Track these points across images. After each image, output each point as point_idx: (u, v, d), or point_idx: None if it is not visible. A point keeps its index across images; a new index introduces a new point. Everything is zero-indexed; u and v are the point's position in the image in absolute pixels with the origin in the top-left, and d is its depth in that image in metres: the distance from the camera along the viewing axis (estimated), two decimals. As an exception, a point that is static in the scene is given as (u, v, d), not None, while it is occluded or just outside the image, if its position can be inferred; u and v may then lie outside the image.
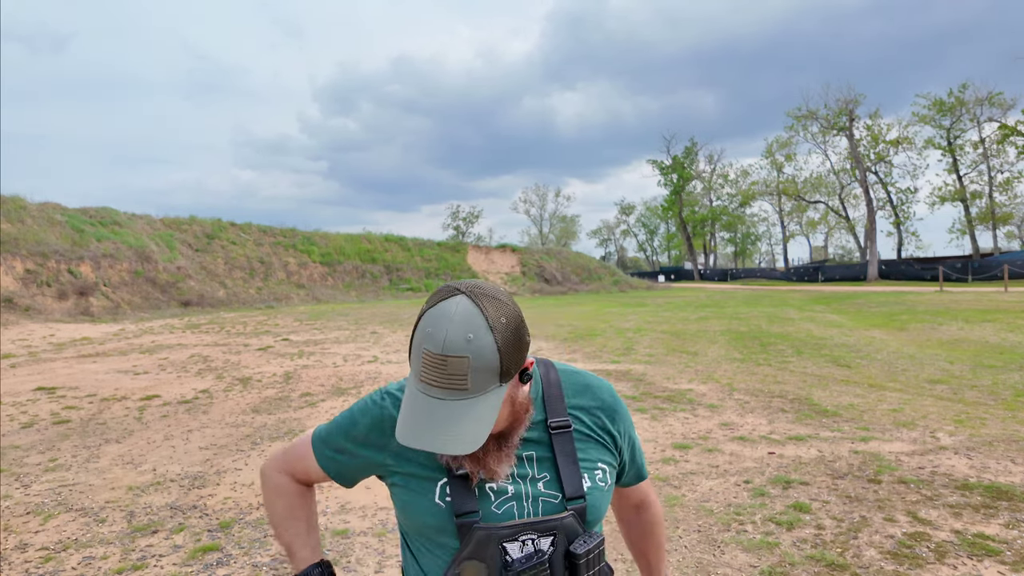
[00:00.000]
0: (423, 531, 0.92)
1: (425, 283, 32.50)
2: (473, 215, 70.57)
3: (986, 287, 29.37)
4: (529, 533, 0.87)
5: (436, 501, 0.89)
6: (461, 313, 0.77)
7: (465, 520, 0.87)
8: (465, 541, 0.87)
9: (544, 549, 0.88)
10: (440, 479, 0.90)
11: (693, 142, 62.15)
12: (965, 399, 5.92)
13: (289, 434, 5.08)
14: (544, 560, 0.86)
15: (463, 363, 0.75)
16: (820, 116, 49.87)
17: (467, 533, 0.87)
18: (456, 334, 0.75)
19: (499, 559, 0.86)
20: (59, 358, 9.56)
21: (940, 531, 2.99)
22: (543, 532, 0.88)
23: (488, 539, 0.86)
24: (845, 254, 64.67)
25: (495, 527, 0.87)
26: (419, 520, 0.91)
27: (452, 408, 0.77)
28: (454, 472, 0.88)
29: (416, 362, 0.78)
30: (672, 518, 3.26)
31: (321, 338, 12.13)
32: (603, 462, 0.97)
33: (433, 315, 0.78)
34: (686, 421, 5.33)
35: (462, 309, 0.77)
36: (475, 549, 0.86)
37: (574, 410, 0.98)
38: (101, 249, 19.92)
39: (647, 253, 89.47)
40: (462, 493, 0.88)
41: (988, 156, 44.81)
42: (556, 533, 0.88)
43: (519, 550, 0.87)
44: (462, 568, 0.87)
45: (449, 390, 0.76)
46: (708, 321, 15.30)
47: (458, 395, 0.77)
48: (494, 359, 0.77)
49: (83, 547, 3.02)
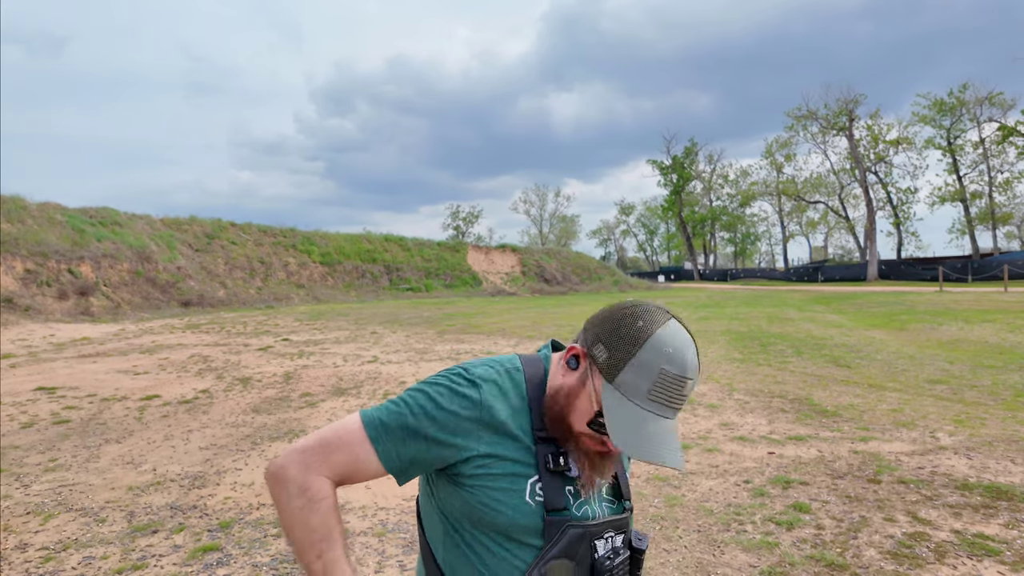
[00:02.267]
0: (508, 531, 0.86)
1: (425, 283, 32.50)
2: (473, 215, 70.53)
3: (986, 287, 29.37)
4: (610, 531, 0.91)
5: (527, 499, 0.86)
6: (690, 339, 0.83)
7: (556, 517, 0.86)
8: (555, 539, 0.85)
9: (619, 546, 0.92)
10: (532, 476, 0.88)
11: (693, 142, 62.16)
12: (965, 399, 5.92)
13: (289, 434, 5.08)
14: (627, 555, 0.92)
15: (692, 386, 0.82)
16: (820, 116, 49.91)
17: (557, 531, 0.86)
18: (693, 359, 0.81)
19: (588, 557, 0.87)
20: (59, 358, 9.56)
21: (940, 531, 2.99)
22: (618, 530, 0.93)
23: (582, 537, 0.87)
24: (845, 254, 64.65)
25: (588, 524, 0.88)
26: (508, 519, 0.86)
27: (670, 424, 0.82)
28: (548, 468, 0.87)
29: (643, 380, 0.80)
30: (672, 518, 3.26)
31: (321, 338, 12.13)
32: (629, 468, 1.06)
33: (668, 335, 0.81)
34: (686, 421, 5.33)
35: (688, 335, 0.83)
36: (567, 547, 0.86)
37: None
38: (101, 249, 19.91)
39: (647, 253, 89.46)
40: (555, 491, 0.87)
41: (988, 156, 44.82)
42: (626, 532, 0.95)
43: (603, 547, 0.90)
44: (549, 568, 0.85)
45: (673, 409, 0.82)
46: (708, 321, 15.30)
47: (675, 413, 0.83)
48: (697, 381, 0.84)
49: (83, 547, 3.02)
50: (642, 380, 0.80)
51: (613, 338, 0.83)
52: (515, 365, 0.94)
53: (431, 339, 11.87)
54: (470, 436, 0.87)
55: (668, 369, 0.79)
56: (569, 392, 0.87)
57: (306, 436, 0.90)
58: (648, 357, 0.79)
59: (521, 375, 0.93)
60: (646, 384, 0.79)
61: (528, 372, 0.94)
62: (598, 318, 0.87)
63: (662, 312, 0.84)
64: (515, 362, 0.95)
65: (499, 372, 0.92)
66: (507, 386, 0.91)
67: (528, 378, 0.93)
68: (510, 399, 0.90)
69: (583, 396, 0.85)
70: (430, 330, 13.61)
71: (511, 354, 0.98)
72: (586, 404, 0.85)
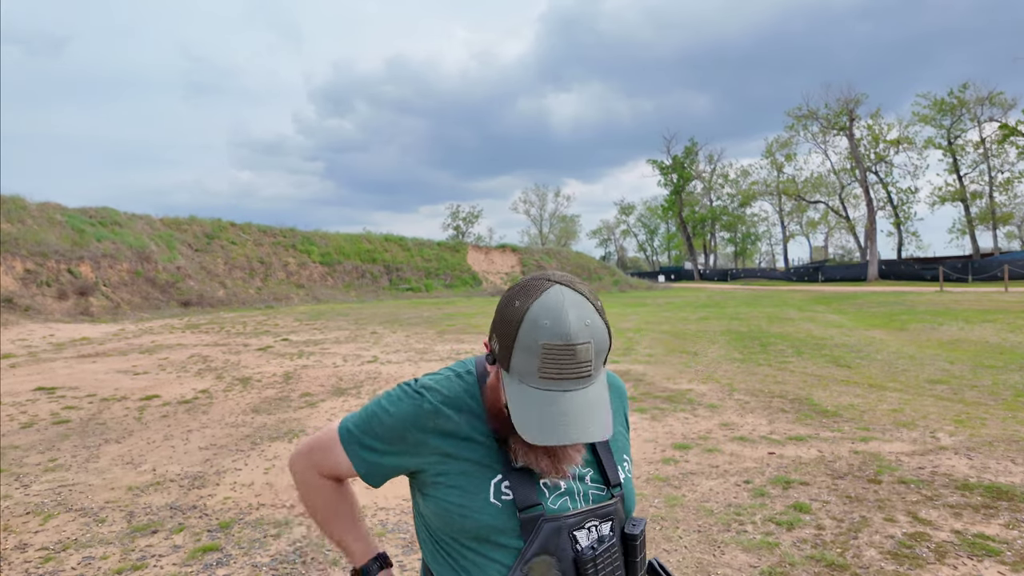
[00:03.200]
0: (479, 534, 0.86)
1: (425, 283, 32.49)
2: (473, 215, 70.50)
3: (986, 287, 29.36)
4: (592, 520, 0.88)
5: (491, 500, 0.85)
6: (570, 301, 0.76)
7: (529, 514, 0.84)
8: (532, 537, 0.84)
9: (606, 534, 0.89)
10: (493, 476, 0.86)
11: (693, 142, 62.14)
12: (965, 399, 5.91)
13: (289, 434, 5.08)
14: (615, 542, 0.88)
15: (588, 349, 0.75)
16: (820, 116, 49.88)
17: (533, 528, 0.84)
18: (576, 321, 0.74)
19: (570, 549, 0.85)
20: (59, 358, 9.56)
21: (940, 531, 2.99)
22: (602, 518, 0.89)
23: (559, 530, 0.85)
24: (845, 254, 64.61)
25: (563, 516, 0.86)
26: (475, 522, 0.85)
27: (579, 397, 0.76)
28: (513, 466, 0.86)
29: (530, 360, 0.75)
30: (672, 518, 3.26)
31: (321, 338, 12.13)
32: (626, 452, 1.01)
33: (541, 307, 0.75)
34: (686, 421, 5.32)
35: (569, 297, 0.76)
36: (544, 542, 0.84)
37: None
38: (101, 249, 19.91)
39: (647, 253, 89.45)
40: (523, 487, 0.85)
41: (988, 156, 44.80)
42: (613, 519, 0.91)
43: (586, 538, 0.87)
44: (531, 566, 0.83)
45: (575, 379, 0.76)
46: (708, 321, 15.30)
47: (583, 383, 0.76)
48: (606, 340, 0.78)
49: (83, 547, 3.02)
50: (530, 360, 0.75)
51: (499, 325, 0.80)
52: (467, 368, 0.94)
53: (431, 339, 11.87)
54: (420, 445, 0.89)
55: (549, 342, 0.74)
56: (494, 387, 0.86)
57: (307, 437, 0.96)
58: (527, 336, 0.75)
59: (473, 377, 0.92)
60: (535, 363, 0.75)
61: (481, 372, 0.93)
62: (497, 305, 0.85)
63: (541, 281, 0.79)
64: (467, 365, 0.95)
65: (447, 378, 0.93)
66: (456, 391, 0.91)
67: (480, 378, 0.92)
68: (461, 403, 0.89)
69: (500, 389, 0.83)
70: (430, 330, 13.61)
71: (469, 357, 0.98)
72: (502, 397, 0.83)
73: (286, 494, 3.73)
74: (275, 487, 3.85)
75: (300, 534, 3.15)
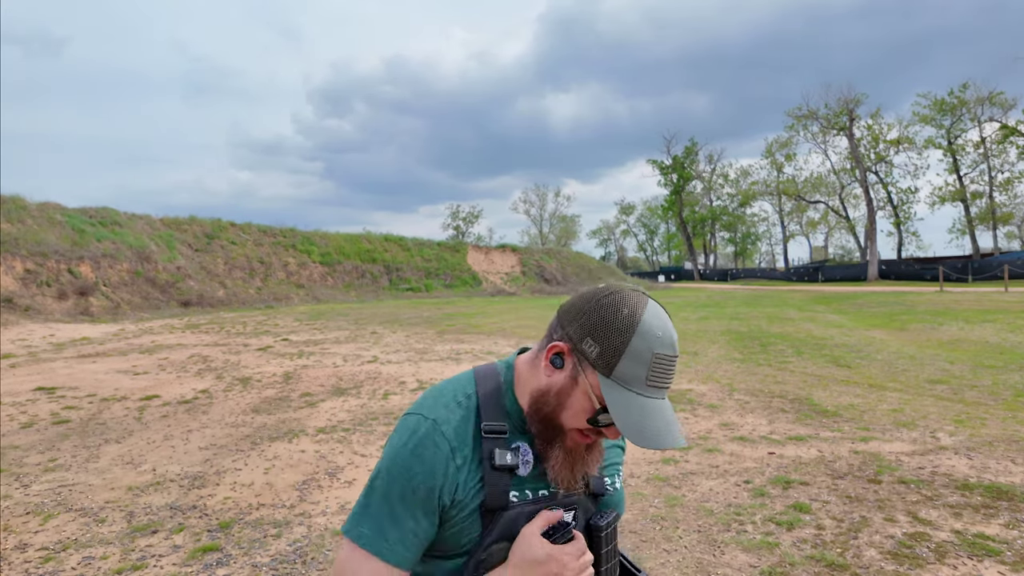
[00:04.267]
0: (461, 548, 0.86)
1: (425, 283, 32.49)
2: (473, 215, 70.49)
3: (986, 287, 29.36)
4: (553, 508, 0.87)
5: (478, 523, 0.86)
6: (667, 316, 0.83)
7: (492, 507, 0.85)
8: (491, 525, 0.83)
9: (570, 522, 0.88)
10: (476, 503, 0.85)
11: (693, 142, 62.15)
12: (965, 399, 5.91)
13: (289, 434, 5.08)
14: (571, 527, 0.86)
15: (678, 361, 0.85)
16: (820, 116, 49.88)
17: (491, 518, 0.84)
18: (675, 335, 0.82)
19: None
20: (59, 358, 9.56)
21: (940, 531, 2.99)
22: (565, 507, 0.88)
23: (516, 517, 0.84)
24: (845, 254, 64.62)
25: (522, 504, 0.85)
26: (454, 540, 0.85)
27: (668, 405, 0.83)
28: (494, 465, 0.85)
29: (639, 367, 0.78)
30: (672, 518, 3.26)
31: (321, 338, 12.13)
32: (619, 464, 1.00)
33: (654, 317, 0.80)
34: (686, 421, 5.32)
35: (665, 312, 0.83)
36: (503, 529, 0.83)
37: None
38: (101, 249, 19.91)
39: (647, 253, 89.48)
40: (499, 487, 0.85)
41: (988, 156, 44.81)
42: (576, 508, 0.90)
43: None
44: (490, 552, 0.83)
45: (668, 389, 0.82)
46: (708, 321, 15.29)
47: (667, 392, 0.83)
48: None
49: (83, 547, 3.02)
50: (639, 368, 0.78)
51: (601, 330, 0.80)
52: (466, 393, 0.90)
53: (431, 339, 11.86)
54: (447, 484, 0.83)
55: (661, 352, 0.78)
56: (560, 391, 0.84)
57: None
58: (641, 344, 0.78)
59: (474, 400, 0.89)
60: (643, 371, 0.78)
61: (482, 391, 0.90)
62: (577, 310, 0.84)
63: (639, 294, 0.83)
64: (466, 388, 0.91)
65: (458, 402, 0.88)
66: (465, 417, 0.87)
67: (487, 395, 0.89)
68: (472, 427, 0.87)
69: (577, 393, 0.82)
70: (430, 330, 13.61)
71: (468, 371, 0.95)
72: (582, 401, 0.82)
73: (286, 494, 3.73)
74: (275, 487, 3.85)
75: (300, 534, 3.15)
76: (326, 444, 4.79)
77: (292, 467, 4.24)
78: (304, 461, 4.36)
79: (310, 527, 3.23)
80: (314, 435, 5.04)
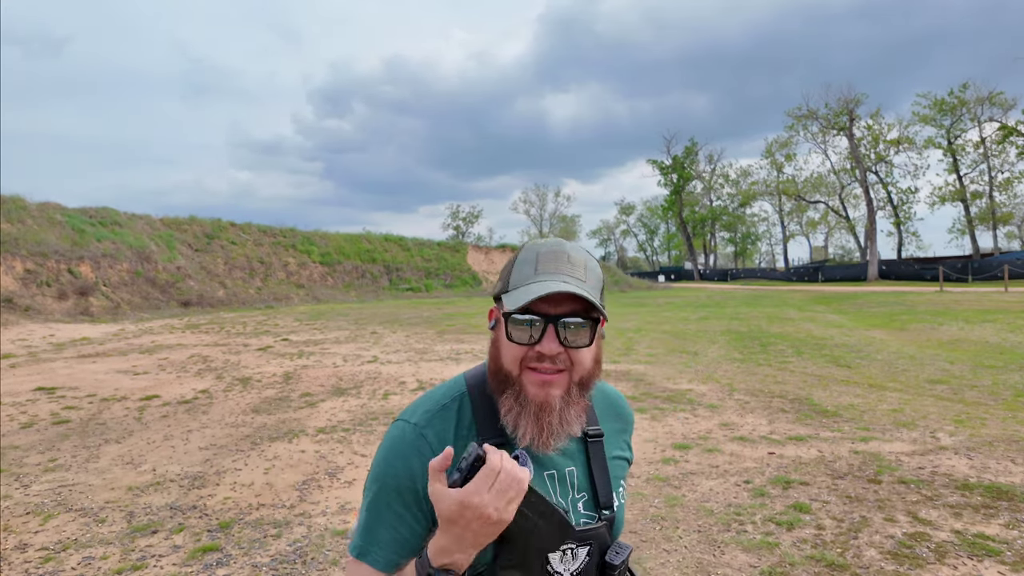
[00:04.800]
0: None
1: (425, 283, 32.49)
2: (473, 215, 70.47)
3: (986, 287, 29.36)
4: (569, 543, 0.84)
5: None
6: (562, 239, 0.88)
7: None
8: (507, 551, 0.80)
9: (583, 559, 0.86)
10: None
11: (693, 142, 62.13)
12: (965, 399, 5.91)
13: (289, 434, 5.08)
14: (586, 565, 0.85)
15: (581, 254, 0.86)
16: (820, 116, 49.87)
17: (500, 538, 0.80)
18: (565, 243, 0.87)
19: (541, 568, 0.82)
20: (59, 358, 9.56)
21: (940, 531, 2.99)
22: (581, 542, 0.86)
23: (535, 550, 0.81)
24: (845, 254, 64.61)
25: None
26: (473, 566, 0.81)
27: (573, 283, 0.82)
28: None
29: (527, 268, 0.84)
30: (672, 518, 3.26)
31: (321, 338, 12.13)
32: (623, 479, 0.98)
33: (535, 241, 0.88)
34: (686, 421, 5.32)
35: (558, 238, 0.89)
36: (519, 559, 0.80)
37: (603, 423, 0.98)
38: (101, 249, 19.91)
39: (647, 253, 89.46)
40: None
41: (988, 156, 44.80)
42: (592, 543, 0.87)
43: (559, 560, 0.84)
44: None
45: (570, 276, 0.83)
46: (708, 321, 15.29)
47: (577, 281, 0.82)
48: (600, 273, 0.88)
49: (83, 547, 3.01)
50: (527, 267, 0.84)
51: (503, 270, 0.90)
52: (459, 390, 0.91)
53: (431, 339, 11.86)
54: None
55: (544, 250, 0.85)
56: (494, 341, 0.88)
57: None
58: (526, 254, 0.86)
59: (466, 398, 0.90)
60: (531, 268, 0.84)
61: (472, 386, 0.91)
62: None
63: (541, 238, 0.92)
64: (460, 386, 0.92)
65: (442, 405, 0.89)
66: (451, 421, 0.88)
67: (472, 392, 0.90)
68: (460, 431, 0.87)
69: (499, 334, 0.86)
70: (430, 330, 13.61)
71: (458, 376, 0.96)
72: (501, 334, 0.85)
73: (286, 494, 3.73)
74: (275, 487, 3.85)
75: (300, 534, 3.15)
76: (326, 444, 4.78)
77: (292, 467, 4.24)
78: (304, 461, 4.36)
79: (310, 527, 3.23)
80: (314, 435, 5.04)
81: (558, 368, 0.82)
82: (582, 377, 0.85)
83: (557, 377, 0.83)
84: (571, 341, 0.82)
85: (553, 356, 0.81)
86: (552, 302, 0.81)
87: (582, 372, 0.85)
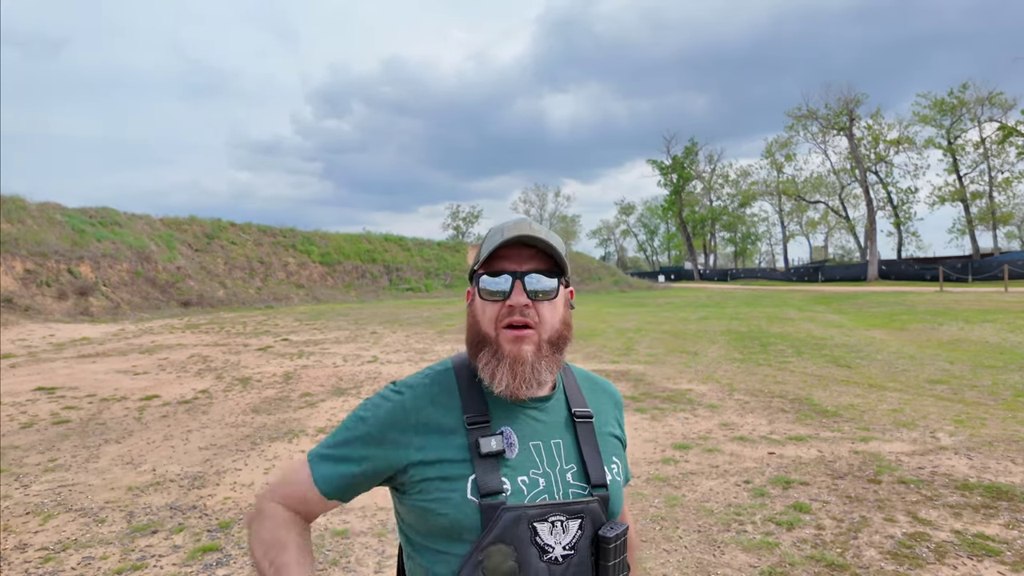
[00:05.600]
0: (449, 531, 0.85)
1: (425, 283, 32.49)
2: (473, 215, 70.45)
3: (986, 287, 29.36)
4: (558, 515, 0.85)
5: (469, 497, 0.84)
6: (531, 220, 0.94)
7: (490, 501, 0.83)
8: (490, 525, 0.82)
9: (574, 532, 0.86)
10: (470, 474, 0.85)
11: (693, 142, 62.11)
12: (965, 399, 5.91)
13: (289, 434, 5.08)
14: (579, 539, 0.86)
15: (543, 228, 0.92)
16: (820, 116, 49.86)
17: (492, 515, 0.82)
18: (535, 222, 0.93)
19: (528, 541, 0.83)
20: (59, 358, 9.56)
21: (940, 531, 2.99)
22: (571, 515, 0.86)
23: (518, 519, 0.83)
24: (845, 254, 64.59)
25: (524, 506, 0.84)
26: (447, 519, 0.84)
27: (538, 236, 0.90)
28: (481, 454, 0.85)
29: (498, 235, 0.90)
30: (672, 518, 3.26)
31: (321, 338, 12.13)
32: (617, 456, 0.99)
33: (499, 223, 0.94)
34: (686, 421, 5.32)
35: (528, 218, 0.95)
36: (502, 531, 0.82)
37: (591, 405, 1.01)
38: (101, 249, 19.91)
39: (647, 253, 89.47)
40: (489, 474, 0.85)
41: (988, 156, 44.79)
42: (583, 517, 0.87)
43: (548, 531, 0.84)
44: (487, 553, 0.81)
45: (536, 233, 0.90)
46: (708, 321, 15.29)
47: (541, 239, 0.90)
48: (562, 247, 0.93)
49: (83, 547, 3.01)
50: (495, 237, 0.90)
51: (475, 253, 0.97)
52: (445, 366, 1.00)
53: (431, 339, 11.86)
54: (399, 444, 0.89)
55: (509, 223, 0.92)
56: (469, 314, 0.97)
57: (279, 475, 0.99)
58: (493, 232, 0.93)
59: (451, 372, 0.97)
60: (498, 236, 0.90)
61: (457, 364, 0.99)
62: None
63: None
64: (446, 363, 1.01)
65: (426, 375, 0.98)
66: (434, 388, 0.95)
67: (457, 370, 0.97)
68: (439, 398, 0.93)
69: (475, 302, 0.94)
70: (430, 330, 13.61)
71: (447, 357, 1.04)
72: (476, 300, 0.94)
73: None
74: (275, 487, 3.85)
75: (300, 534, 3.15)
76: (326, 444, 4.78)
77: (292, 467, 4.24)
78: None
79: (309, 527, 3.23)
80: (314, 435, 5.04)
81: (527, 322, 0.89)
82: (551, 336, 0.92)
83: (528, 332, 0.90)
84: (537, 295, 0.90)
85: (522, 308, 0.89)
86: (518, 260, 0.90)
87: (550, 330, 0.92)
